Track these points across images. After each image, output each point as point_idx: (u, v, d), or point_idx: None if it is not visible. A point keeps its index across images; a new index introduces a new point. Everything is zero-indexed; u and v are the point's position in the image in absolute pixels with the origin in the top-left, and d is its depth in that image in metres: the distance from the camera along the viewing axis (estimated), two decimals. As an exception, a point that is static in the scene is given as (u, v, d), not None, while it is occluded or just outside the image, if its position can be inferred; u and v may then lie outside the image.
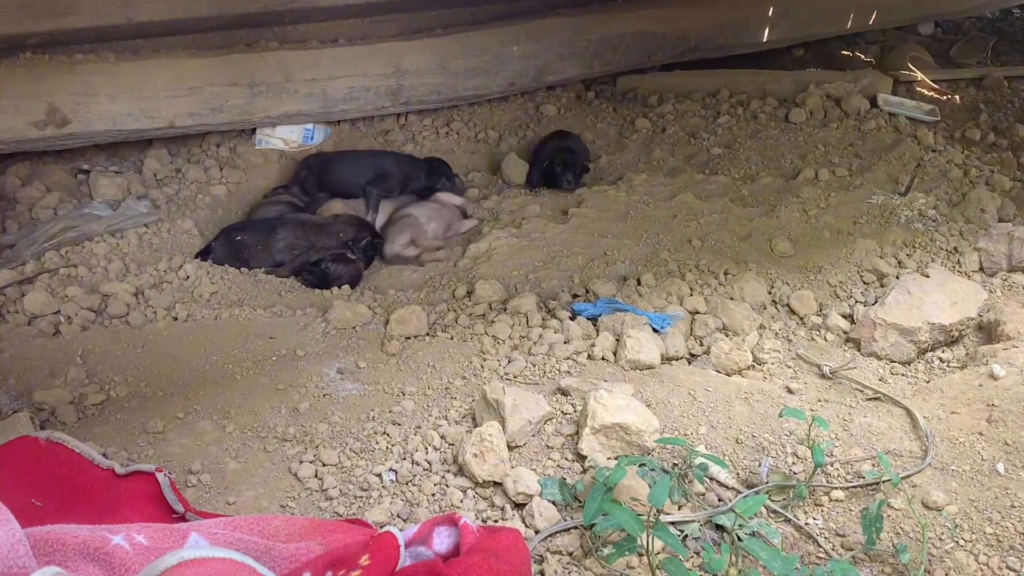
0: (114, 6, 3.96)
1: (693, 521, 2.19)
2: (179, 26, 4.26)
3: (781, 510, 2.24)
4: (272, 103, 4.58)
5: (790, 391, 2.80)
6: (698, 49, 5.82)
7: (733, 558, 2.06)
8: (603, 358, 3.01)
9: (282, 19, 4.62)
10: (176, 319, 3.43)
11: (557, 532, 2.18)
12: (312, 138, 4.99)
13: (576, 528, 2.18)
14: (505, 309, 3.39)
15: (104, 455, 2.41)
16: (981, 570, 2.03)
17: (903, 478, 2.28)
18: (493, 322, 3.27)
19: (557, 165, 4.87)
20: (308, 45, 4.72)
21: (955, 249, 3.64)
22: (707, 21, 5.72)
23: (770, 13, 5.90)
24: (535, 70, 5.34)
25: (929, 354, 3.07)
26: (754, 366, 3.01)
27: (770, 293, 3.45)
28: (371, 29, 4.97)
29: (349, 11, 4.79)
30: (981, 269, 3.53)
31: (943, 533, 2.13)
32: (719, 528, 2.19)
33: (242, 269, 3.95)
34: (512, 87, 5.40)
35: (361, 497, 2.35)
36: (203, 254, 4.02)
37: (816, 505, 2.28)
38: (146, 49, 4.36)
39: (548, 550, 2.13)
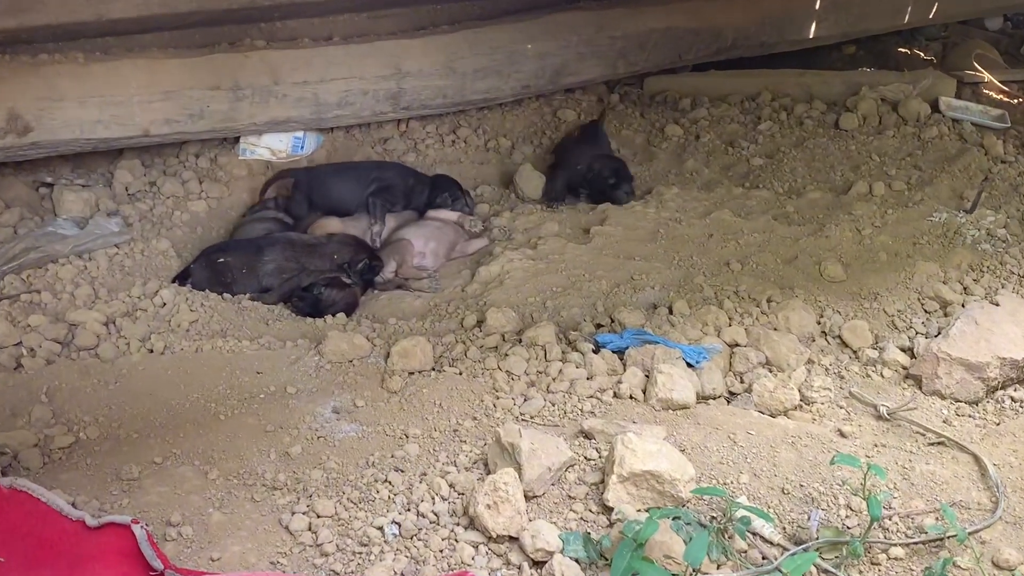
0: (83, 1, 4.01)
1: (734, 582, 2.21)
2: (155, 23, 4.32)
3: (833, 569, 2.26)
4: (258, 108, 4.63)
5: (842, 435, 2.83)
6: (735, 47, 5.87)
7: (779, 623, 2.09)
8: (631, 396, 3.05)
9: (270, 15, 4.68)
10: (152, 351, 3.47)
11: (581, 593, 2.21)
12: (302, 147, 5.02)
13: (602, 589, 2.21)
14: (520, 341, 3.43)
15: (73, 505, 2.46)
16: (1060, 638, 2.05)
17: (970, 533, 2.30)
18: (507, 355, 3.30)
19: (609, 177, 4.88)
20: (298, 44, 4.78)
21: (1028, 274, 3.67)
22: (745, 16, 5.76)
23: (817, 6, 5.94)
24: (552, 70, 5.38)
25: (999, 393, 3.09)
26: (802, 406, 3.03)
27: (819, 323, 3.48)
28: (369, 26, 5.02)
29: (344, 6, 4.85)
30: (1058, 296, 3.55)
31: (1016, 596, 2.15)
32: (763, 589, 2.21)
33: (225, 295, 4.00)
34: (526, 89, 5.45)
35: (360, 553, 2.38)
36: (181, 278, 4.07)
37: (873, 564, 2.30)
38: (118, 48, 4.41)
39: (571, 614, 2.16)
